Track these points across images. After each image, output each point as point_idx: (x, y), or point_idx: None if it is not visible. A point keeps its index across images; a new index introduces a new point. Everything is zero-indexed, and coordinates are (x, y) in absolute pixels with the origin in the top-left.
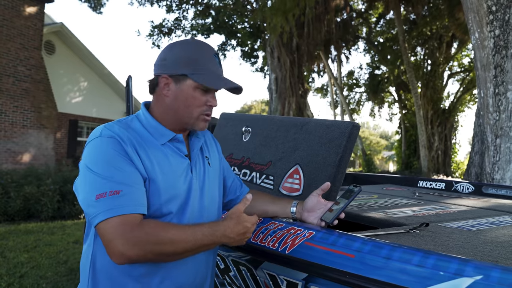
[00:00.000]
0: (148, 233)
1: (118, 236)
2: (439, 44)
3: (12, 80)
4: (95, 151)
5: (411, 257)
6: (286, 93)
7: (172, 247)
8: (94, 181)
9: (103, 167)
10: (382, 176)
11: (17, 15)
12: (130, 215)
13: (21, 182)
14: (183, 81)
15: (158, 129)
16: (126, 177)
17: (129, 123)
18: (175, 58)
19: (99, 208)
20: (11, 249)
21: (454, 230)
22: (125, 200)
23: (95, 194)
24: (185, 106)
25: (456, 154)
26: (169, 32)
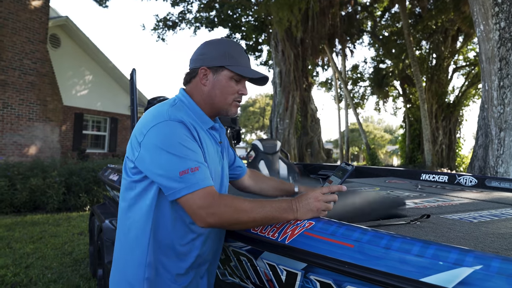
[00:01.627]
0: (227, 205)
1: (203, 206)
2: (444, 38)
3: (18, 73)
4: (165, 133)
5: (411, 247)
6: (290, 87)
7: (245, 216)
8: (172, 160)
9: (178, 148)
10: (384, 169)
11: (22, 9)
12: (208, 188)
13: (27, 174)
14: (221, 71)
15: (202, 117)
16: (198, 156)
17: (181, 107)
18: (213, 52)
19: (184, 183)
20: (17, 240)
21: (455, 222)
22: (203, 176)
23: (178, 171)
24: (221, 93)
25: (461, 148)
26: (174, 26)
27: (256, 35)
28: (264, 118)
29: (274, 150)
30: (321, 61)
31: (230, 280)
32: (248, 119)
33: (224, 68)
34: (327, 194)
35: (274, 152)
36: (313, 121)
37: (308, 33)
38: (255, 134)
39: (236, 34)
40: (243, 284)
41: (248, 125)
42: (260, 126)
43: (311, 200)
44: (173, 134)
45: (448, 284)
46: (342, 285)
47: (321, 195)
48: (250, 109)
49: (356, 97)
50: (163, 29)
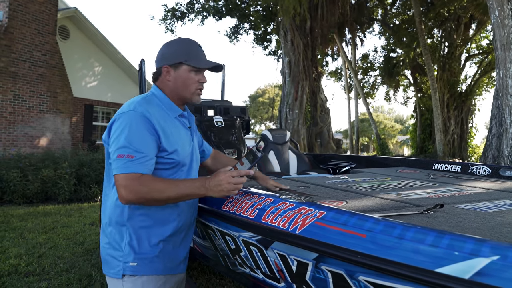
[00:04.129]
0: (143, 185)
1: (122, 185)
2: (457, 25)
3: (28, 65)
4: (126, 122)
5: (425, 236)
6: (300, 77)
7: (160, 195)
8: (121, 142)
9: (129, 136)
10: (395, 159)
11: (31, 1)
12: (135, 173)
13: (38, 165)
14: (180, 67)
15: (171, 105)
16: (143, 146)
17: (150, 99)
18: (171, 52)
19: (116, 164)
20: (30, 230)
21: (469, 211)
22: (133, 164)
23: (117, 154)
24: (183, 85)
25: (473, 138)
26: (182, 16)
27: (264, 25)
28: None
29: (283, 140)
30: (330, 51)
31: (240, 270)
32: (258, 110)
33: (182, 64)
34: (237, 177)
35: (283, 142)
36: (322, 111)
37: (317, 22)
38: (264, 124)
39: (244, 23)
40: (254, 274)
41: (257, 116)
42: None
43: (223, 182)
44: (131, 124)
45: (464, 275)
46: (354, 275)
47: (230, 178)
48: (259, 100)
49: (366, 86)
50: (171, 19)
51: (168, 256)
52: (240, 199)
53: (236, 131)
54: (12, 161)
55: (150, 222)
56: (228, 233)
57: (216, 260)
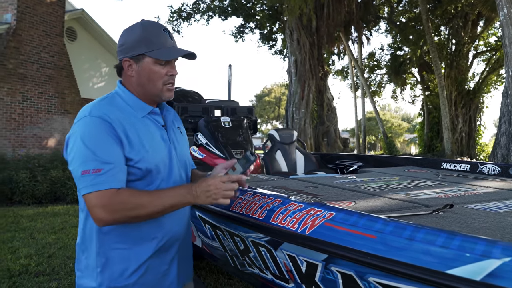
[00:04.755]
0: (123, 202)
1: (96, 206)
2: (464, 22)
3: (36, 66)
4: (85, 128)
5: (435, 238)
6: (306, 76)
7: (143, 210)
8: (80, 158)
9: (91, 145)
10: (403, 158)
11: (39, 2)
12: (108, 190)
13: (47, 166)
14: (142, 59)
15: (138, 103)
16: (109, 156)
17: (112, 100)
18: (131, 41)
19: (84, 183)
20: (40, 230)
21: (479, 211)
22: (104, 178)
23: (81, 170)
24: (149, 80)
25: (481, 136)
26: (188, 17)
27: (270, 24)
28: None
29: (290, 140)
30: (337, 49)
31: (249, 271)
32: (264, 109)
33: (144, 56)
34: (227, 183)
35: (290, 142)
36: (329, 110)
37: (323, 21)
38: (270, 124)
39: (250, 23)
40: (262, 274)
41: (263, 115)
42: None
43: (211, 188)
44: (88, 132)
45: (476, 277)
46: (364, 276)
47: (220, 183)
48: (265, 99)
49: (372, 85)
50: (177, 20)
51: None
52: (249, 200)
53: (244, 131)
54: (21, 162)
55: (123, 244)
56: (237, 234)
57: (224, 260)
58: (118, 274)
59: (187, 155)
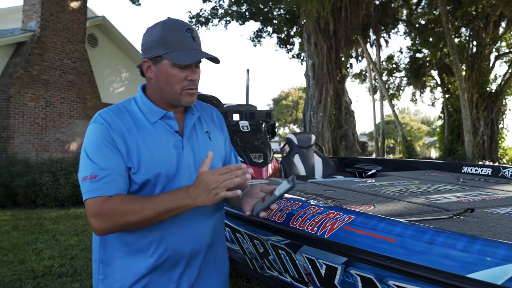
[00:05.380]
0: (113, 208)
1: (90, 213)
2: (486, 24)
3: (59, 72)
4: (87, 135)
5: (456, 242)
6: (324, 80)
7: (135, 216)
8: (83, 163)
9: (91, 152)
10: (423, 162)
11: (62, 10)
12: (101, 197)
13: (69, 170)
14: (160, 61)
15: (151, 109)
16: (106, 163)
17: (125, 105)
18: (150, 41)
19: (82, 189)
20: (62, 232)
21: (501, 216)
22: (98, 185)
23: (81, 176)
24: (166, 84)
25: (504, 139)
26: (206, 22)
27: (288, 28)
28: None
29: (308, 143)
30: (354, 53)
31: (268, 274)
32: (281, 113)
33: (162, 58)
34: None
35: (308, 145)
36: (347, 113)
37: (341, 24)
38: (288, 127)
39: (267, 27)
40: (282, 277)
41: (281, 119)
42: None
43: (210, 182)
44: (91, 138)
45: (497, 281)
46: (384, 279)
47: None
48: (283, 103)
49: (391, 88)
50: (196, 25)
51: None
52: None
53: (262, 136)
54: (45, 165)
55: (123, 253)
56: (257, 237)
57: (244, 263)
58: (118, 285)
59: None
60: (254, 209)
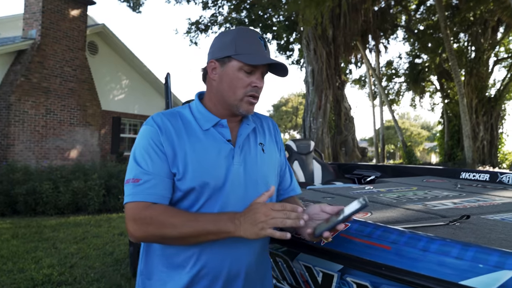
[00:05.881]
0: (152, 217)
1: (129, 218)
2: (484, 29)
3: (59, 80)
4: (138, 138)
5: (450, 249)
6: (323, 86)
7: (173, 231)
8: (130, 165)
9: (137, 154)
10: (422, 168)
11: (62, 18)
12: (141, 202)
13: (69, 177)
14: (228, 62)
15: (204, 115)
16: (150, 166)
17: (180, 110)
18: (221, 43)
19: (125, 192)
20: (62, 240)
21: (497, 222)
22: (140, 189)
23: (126, 179)
24: (229, 87)
25: (503, 144)
26: (206, 29)
27: (287, 34)
28: (297, 118)
29: (308, 150)
30: (354, 58)
31: None
32: (281, 119)
33: (231, 58)
34: (280, 211)
35: (308, 152)
36: (347, 119)
37: (340, 30)
38: (288, 133)
39: (267, 33)
40: (279, 285)
41: (281, 125)
42: (293, 125)
43: (259, 215)
44: (140, 140)
45: (489, 287)
46: (380, 287)
47: (270, 211)
48: (283, 109)
49: (391, 93)
50: (195, 32)
51: None
52: None
53: None
54: (45, 173)
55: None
56: None
57: None
58: None
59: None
60: (316, 229)
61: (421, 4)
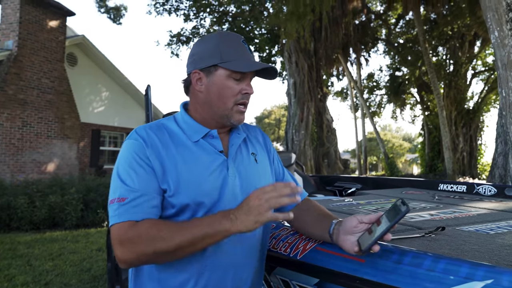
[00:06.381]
0: (140, 235)
1: (115, 241)
2: (461, 43)
3: (37, 92)
4: (120, 153)
5: (422, 261)
6: (305, 98)
7: (166, 244)
8: (113, 184)
9: (121, 171)
10: (402, 180)
11: (40, 29)
12: (128, 222)
13: (46, 191)
14: (214, 72)
15: (192, 126)
16: (137, 183)
17: (165, 123)
18: (203, 51)
19: (110, 212)
20: (37, 257)
21: (471, 233)
22: (126, 208)
23: (110, 199)
24: (218, 97)
25: (482, 155)
26: (187, 41)
27: (269, 47)
28: (279, 130)
29: (288, 162)
30: (335, 71)
31: None
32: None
33: (217, 67)
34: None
35: (289, 165)
36: (329, 131)
37: (321, 43)
38: None
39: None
40: None
41: None
42: (276, 137)
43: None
44: (123, 156)
45: None
46: None
47: (262, 194)
48: (265, 121)
49: (372, 105)
50: (176, 44)
51: None
52: None
53: None
54: (20, 187)
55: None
56: None
57: None
58: None
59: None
60: (361, 244)
61: (400, 18)
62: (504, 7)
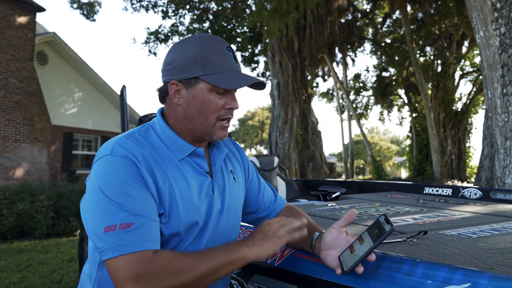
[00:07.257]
0: (162, 268)
1: (129, 276)
2: (449, 43)
3: (4, 92)
4: (106, 171)
5: (400, 266)
6: (289, 99)
7: (190, 275)
8: (105, 208)
9: (115, 192)
10: (387, 183)
11: (7, 25)
12: (141, 252)
13: (13, 198)
14: (195, 84)
15: (176, 142)
16: (139, 206)
17: (143, 135)
18: (183, 59)
19: (108, 243)
20: (3, 269)
21: (453, 237)
22: (136, 235)
23: (104, 226)
24: (200, 112)
25: (471, 158)
26: (166, 39)
27: (252, 46)
28: (263, 132)
29: (271, 166)
30: (321, 71)
31: None
32: (247, 134)
33: (198, 80)
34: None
35: (271, 168)
36: (314, 134)
37: (306, 43)
38: (254, 149)
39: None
40: None
41: (247, 140)
42: (259, 140)
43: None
44: (112, 174)
45: None
46: None
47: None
48: (249, 123)
49: (359, 107)
50: (154, 42)
51: None
52: None
53: None
54: None
55: None
56: None
57: None
58: None
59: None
60: (343, 264)
61: (387, 17)
62: (489, 7)
